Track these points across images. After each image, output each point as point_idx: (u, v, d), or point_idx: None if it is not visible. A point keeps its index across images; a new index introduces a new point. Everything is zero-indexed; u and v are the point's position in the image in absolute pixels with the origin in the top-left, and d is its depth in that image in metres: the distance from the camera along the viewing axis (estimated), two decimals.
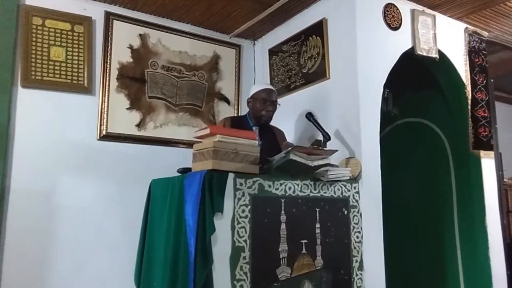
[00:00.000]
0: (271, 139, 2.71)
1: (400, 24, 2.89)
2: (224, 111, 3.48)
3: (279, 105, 2.74)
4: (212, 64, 3.50)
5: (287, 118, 3.11)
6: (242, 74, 3.65)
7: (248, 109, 2.78)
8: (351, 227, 2.39)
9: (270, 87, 2.80)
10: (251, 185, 2.05)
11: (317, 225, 2.24)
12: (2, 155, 2.56)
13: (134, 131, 3.07)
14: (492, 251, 2.99)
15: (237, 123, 2.68)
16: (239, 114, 3.50)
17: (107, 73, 2.98)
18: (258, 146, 2.53)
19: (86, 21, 2.93)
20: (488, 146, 3.18)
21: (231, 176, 1.99)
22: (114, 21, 3.05)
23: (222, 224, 1.93)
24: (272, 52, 3.50)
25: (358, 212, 2.44)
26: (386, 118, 3.11)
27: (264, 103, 2.64)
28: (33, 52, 2.74)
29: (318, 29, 2.97)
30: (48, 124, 2.76)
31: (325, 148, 2.40)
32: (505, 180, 3.78)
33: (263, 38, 3.66)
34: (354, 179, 2.47)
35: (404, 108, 3.61)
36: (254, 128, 2.68)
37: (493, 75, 3.47)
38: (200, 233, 1.89)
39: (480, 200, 3.06)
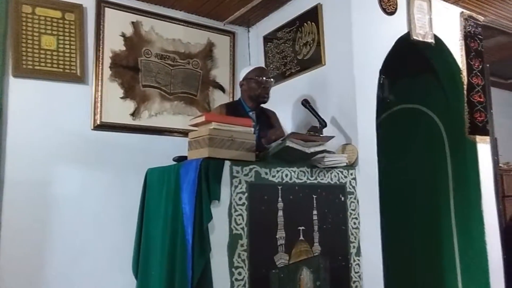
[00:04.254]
0: (267, 122, 2.69)
1: (396, 9, 2.86)
2: (219, 99, 3.45)
3: (273, 80, 2.72)
4: (206, 52, 3.46)
5: (283, 105, 3.08)
6: (237, 61, 3.61)
7: (241, 94, 2.74)
8: (348, 214, 2.39)
9: (262, 66, 2.79)
10: (248, 172, 2.03)
11: (314, 212, 2.24)
12: None
13: (129, 121, 3.04)
14: (488, 235, 3.00)
15: (232, 109, 2.64)
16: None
17: (100, 62, 2.94)
18: (256, 131, 2.54)
19: (77, 9, 2.87)
20: (484, 131, 3.18)
21: (227, 163, 1.98)
22: (106, 8, 2.99)
23: (219, 212, 1.92)
24: (267, 39, 3.46)
25: (355, 198, 2.44)
26: (382, 105, 3.10)
27: (260, 82, 2.61)
28: (24, 41, 2.69)
29: (313, 15, 2.94)
30: (41, 114, 2.72)
31: (321, 135, 2.39)
32: (500, 165, 3.80)
33: (258, 25, 3.62)
34: (351, 166, 2.47)
35: (400, 94, 3.60)
36: (250, 113, 2.65)
37: (489, 60, 3.46)
38: (197, 221, 1.88)
39: (476, 185, 3.06)
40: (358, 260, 2.39)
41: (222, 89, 3.51)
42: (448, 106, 3.25)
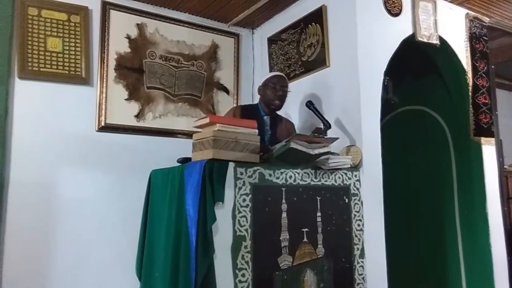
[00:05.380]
0: (282, 131, 2.71)
1: (401, 10, 2.86)
2: (223, 101, 3.46)
3: (290, 91, 2.73)
4: (211, 53, 3.47)
5: (287, 107, 3.07)
6: (241, 63, 3.62)
7: (259, 98, 2.77)
8: (352, 215, 2.39)
9: (281, 74, 2.83)
10: (252, 174, 2.04)
11: (318, 214, 2.24)
12: (1, 147, 2.54)
13: (133, 122, 3.05)
14: (493, 237, 2.99)
15: (248, 112, 2.67)
16: (239, 104, 3.48)
17: (105, 64, 2.95)
18: (268, 135, 2.55)
19: (82, 11, 2.89)
20: (489, 133, 3.16)
21: (231, 165, 1.98)
22: (111, 10, 3.01)
23: (223, 214, 1.93)
24: (271, 40, 3.46)
25: (359, 200, 2.43)
26: (386, 106, 3.09)
27: (274, 89, 2.65)
28: (30, 43, 2.71)
29: (318, 17, 2.94)
30: (46, 116, 2.74)
31: (325, 136, 2.38)
32: (505, 167, 3.77)
33: (262, 27, 3.62)
34: (355, 167, 2.46)
35: (405, 96, 3.59)
36: (265, 117, 2.68)
37: (494, 61, 3.44)
38: (201, 223, 1.88)
39: (481, 186, 3.05)
40: (362, 262, 2.39)
41: (226, 90, 3.51)
42: (453, 108, 3.23)
